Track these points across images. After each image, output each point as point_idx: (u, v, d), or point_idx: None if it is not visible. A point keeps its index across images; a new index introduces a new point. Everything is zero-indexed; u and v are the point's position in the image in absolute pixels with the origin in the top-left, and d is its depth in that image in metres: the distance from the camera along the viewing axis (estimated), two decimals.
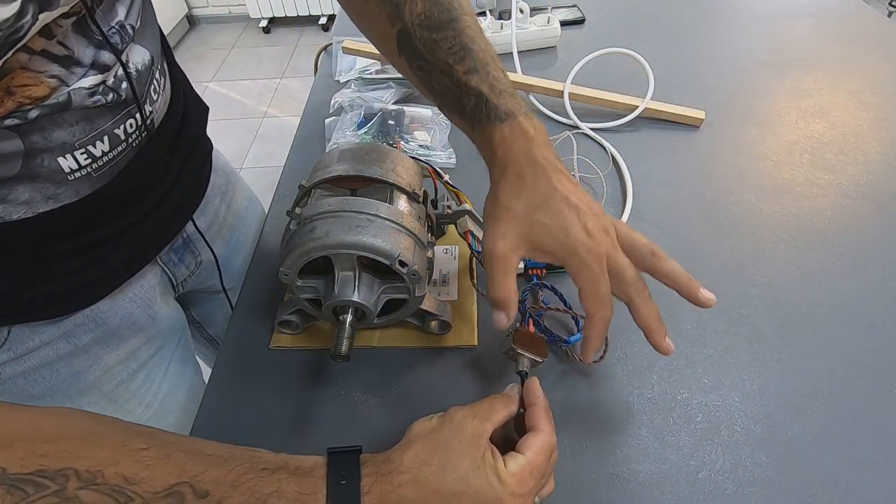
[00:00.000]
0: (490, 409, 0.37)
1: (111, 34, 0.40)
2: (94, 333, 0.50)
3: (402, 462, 0.33)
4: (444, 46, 0.43)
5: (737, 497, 0.39)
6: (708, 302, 0.39)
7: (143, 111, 0.45)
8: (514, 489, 0.33)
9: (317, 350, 0.50)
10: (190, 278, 0.61)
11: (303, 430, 0.45)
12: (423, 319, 0.49)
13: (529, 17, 0.86)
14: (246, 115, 2.55)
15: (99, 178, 0.43)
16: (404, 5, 0.44)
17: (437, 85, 0.44)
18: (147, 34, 0.46)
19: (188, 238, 0.58)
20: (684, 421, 0.44)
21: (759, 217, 0.59)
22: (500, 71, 0.44)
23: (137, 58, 0.44)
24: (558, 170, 0.40)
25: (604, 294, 0.37)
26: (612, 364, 0.47)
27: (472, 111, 0.42)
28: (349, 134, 0.72)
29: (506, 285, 0.39)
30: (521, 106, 0.43)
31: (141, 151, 0.46)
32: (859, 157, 0.65)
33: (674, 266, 0.39)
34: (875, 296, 0.51)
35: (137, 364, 0.55)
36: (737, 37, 0.89)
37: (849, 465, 0.41)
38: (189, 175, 0.55)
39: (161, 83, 0.49)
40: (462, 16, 0.44)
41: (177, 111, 0.52)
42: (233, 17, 3.24)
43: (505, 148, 0.41)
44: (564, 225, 0.37)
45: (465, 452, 0.33)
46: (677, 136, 0.71)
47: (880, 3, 2.65)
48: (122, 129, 0.43)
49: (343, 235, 0.40)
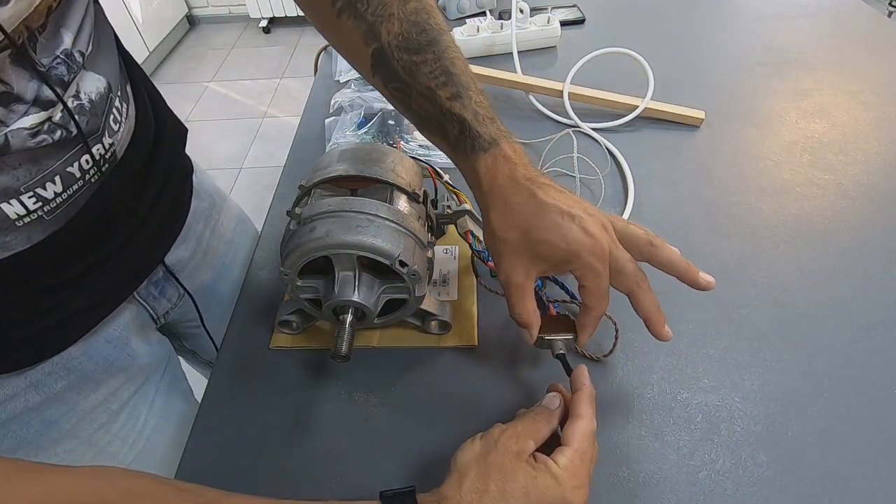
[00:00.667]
0: (532, 427, 0.37)
1: (56, 65, 0.36)
2: (66, 381, 0.47)
3: (462, 497, 0.33)
4: (424, 70, 0.42)
5: (737, 497, 0.39)
6: (708, 285, 0.39)
7: (103, 143, 0.41)
8: (572, 483, 0.34)
9: (317, 350, 0.50)
10: (172, 310, 0.58)
11: (303, 430, 0.45)
12: (423, 319, 0.49)
13: (529, 17, 0.86)
14: (246, 115, 2.55)
15: (53, 221, 0.39)
16: (381, 25, 0.42)
17: (416, 108, 0.43)
18: (102, 59, 0.42)
19: (169, 269, 0.54)
20: (684, 421, 0.44)
21: (759, 217, 0.59)
22: (480, 93, 0.43)
23: (90, 87, 0.40)
24: (543, 184, 0.39)
25: (604, 290, 0.39)
26: (612, 364, 0.47)
27: (457, 139, 0.42)
28: (349, 134, 0.72)
29: (525, 308, 0.40)
30: (503, 129, 0.42)
31: (102, 187, 0.42)
32: (859, 157, 0.65)
33: (671, 254, 0.39)
34: (875, 296, 0.51)
35: (118, 404, 0.52)
36: (737, 37, 0.89)
37: (849, 465, 0.41)
38: (165, 204, 0.51)
39: (123, 110, 0.45)
40: (441, 36, 0.43)
41: (144, 138, 0.48)
42: (233, 17, 3.24)
43: (490, 178, 0.40)
44: (562, 234, 0.38)
45: (517, 469, 0.34)
46: (677, 136, 0.71)
47: (880, 3, 2.65)
48: (77, 165, 0.40)
49: (343, 235, 0.40)
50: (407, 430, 0.44)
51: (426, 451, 0.43)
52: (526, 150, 0.68)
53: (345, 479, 0.42)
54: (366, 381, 0.48)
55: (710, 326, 0.50)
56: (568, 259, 0.38)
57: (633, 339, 0.48)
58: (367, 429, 0.45)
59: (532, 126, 0.73)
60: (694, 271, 0.39)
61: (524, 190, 0.39)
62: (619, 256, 0.38)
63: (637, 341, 0.48)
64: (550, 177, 0.41)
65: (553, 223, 0.38)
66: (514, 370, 0.48)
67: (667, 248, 0.39)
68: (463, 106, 0.41)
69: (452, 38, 0.44)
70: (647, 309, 0.39)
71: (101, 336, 0.49)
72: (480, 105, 0.42)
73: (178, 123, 0.57)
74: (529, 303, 0.40)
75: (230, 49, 3.06)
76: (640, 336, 0.48)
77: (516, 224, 0.39)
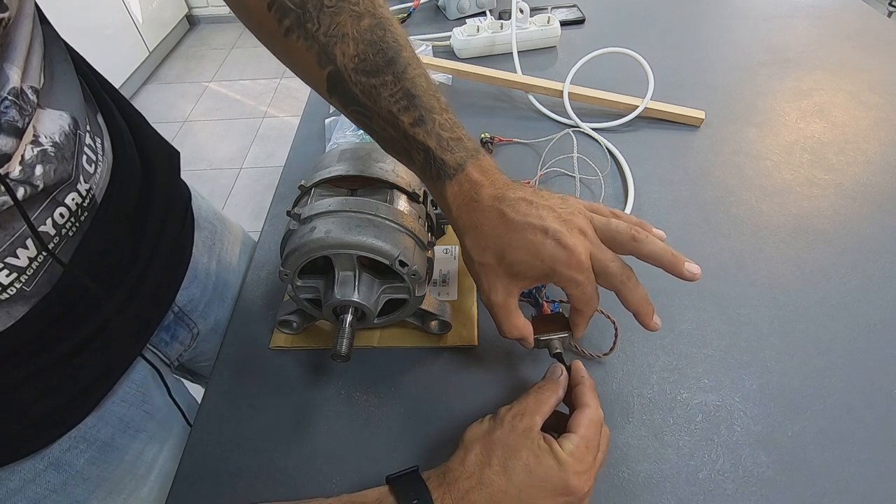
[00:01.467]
0: (537, 402, 0.38)
1: (4, 109, 0.31)
2: (87, 454, 0.44)
3: (465, 469, 0.34)
4: (384, 94, 0.39)
5: (737, 497, 0.39)
6: (692, 277, 0.38)
7: (78, 191, 0.37)
8: (576, 468, 0.34)
9: (317, 350, 0.50)
10: (186, 352, 0.55)
11: (303, 429, 0.45)
12: (424, 319, 0.49)
13: (529, 17, 0.86)
14: (246, 115, 2.55)
15: (35, 291, 0.35)
16: (334, 47, 0.38)
17: (379, 131, 0.41)
18: (60, 90, 0.37)
19: (180, 311, 0.51)
20: (684, 421, 0.44)
21: (759, 217, 0.59)
22: (445, 111, 0.40)
23: (51, 126, 0.34)
24: (513, 200, 0.38)
25: (590, 295, 0.38)
26: (612, 364, 0.47)
27: (422, 167, 0.40)
28: (349, 134, 0.72)
29: (513, 325, 0.40)
30: (469, 147, 0.40)
31: (86, 239, 0.38)
32: (859, 157, 0.65)
33: (655, 247, 0.38)
34: (875, 296, 0.51)
35: (144, 468, 0.50)
36: (737, 37, 0.89)
37: (849, 465, 0.41)
38: (167, 243, 0.47)
39: (97, 147, 0.40)
40: (399, 54, 0.39)
41: (128, 174, 0.43)
42: (233, 17, 3.19)
43: (458, 204, 0.39)
44: (536, 251, 0.37)
45: (521, 446, 0.34)
46: (677, 136, 0.71)
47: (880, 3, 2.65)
48: (50, 222, 0.35)
49: (343, 235, 0.40)
50: (407, 430, 0.44)
51: (426, 451, 0.43)
52: (526, 150, 0.69)
53: (345, 478, 0.42)
54: (366, 381, 0.48)
55: (710, 326, 0.50)
56: (546, 274, 0.38)
57: (633, 339, 0.48)
58: (367, 428, 0.45)
59: (532, 126, 0.73)
60: (679, 263, 0.38)
61: (493, 212, 0.38)
62: (601, 258, 0.37)
63: (637, 341, 0.49)
64: (521, 184, 0.40)
65: (525, 242, 0.37)
66: (513, 370, 0.48)
67: (649, 242, 0.38)
68: (426, 132, 0.39)
69: (413, 54, 0.41)
70: (635, 304, 0.39)
71: (116, 397, 0.46)
72: (444, 127, 0.39)
73: (167, 149, 0.52)
74: (515, 319, 0.40)
75: (230, 49, 3.06)
76: (640, 336, 0.48)
77: (490, 246, 0.38)
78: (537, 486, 0.34)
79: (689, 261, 0.38)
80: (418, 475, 0.35)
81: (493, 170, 0.40)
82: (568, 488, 0.34)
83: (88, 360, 0.41)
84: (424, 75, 0.40)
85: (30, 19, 0.34)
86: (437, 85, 0.41)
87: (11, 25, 0.32)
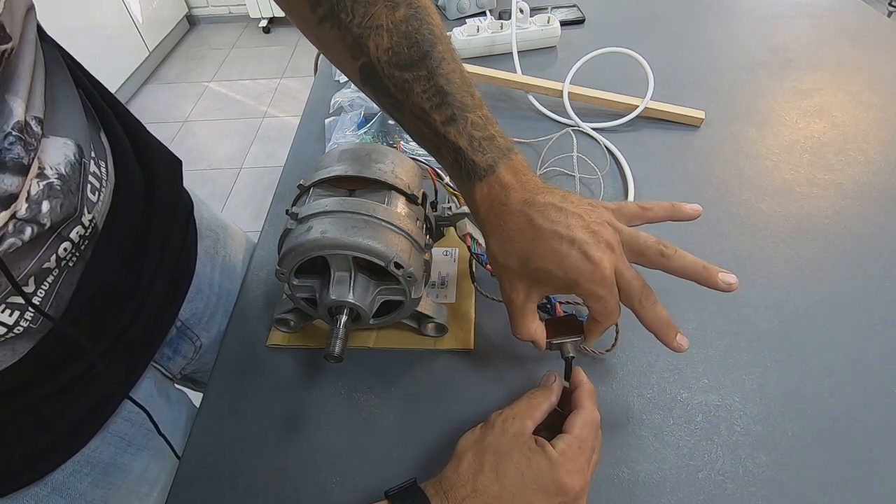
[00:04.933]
0: (529, 407, 0.38)
1: (9, 146, 0.29)
2: (90, 477, 0.43)
3: (459, 477, 0.34)
4: (417, 89, 0.38)
5: (737, 497, 0.39)
6: (729, 287, 0.36)
7: (82, 223, 0.35)
8: (567, 467, 0.34)
9: (315, 349, 0.50)
10: (189, 365, 0.54)
11: (303, 429, 0.45)
12: (420, 322, 0.49)
13: (529, 17, 0.86)
14: (246, 115, 2.55)
15: (40, 328, 0.35)
16: (368, 38, 0.38)
17: (410, 125, 0.41)
18: (64, 115, 0.35)
19: (183, 325, 0.50)
20: (684, 421, 0.43)
21: (759, 217, 0.59)
22: (478, 108, 0.39)
23: (56, 157, 0.33)
24: (542, 206, 0.37)
25: (611, 309, 0.38)
26: (612, 364, 0.47)
27: (452, 165, 0.40)
28: (349, 134, 0.72)
29: (526, 329, 0.40)
30: (502, 146, 0.39)
31: (89, 269, 0.37)
32: (859, 157, 0.65)
33: (685, 261, 0.37)
34: (875, 296, 0.51)
35: (147, 487, 0.49)
36: (737, 37, 0.89)
37: (849, 465, 0.41)
38: (170, 258, 0.45)
39: (102, 173, 0.38)
40: (434, 48, 0.38)
41: (130, 195, 0.41)
42: (233, 17, 3.24)
43: (486, 207, 0.39)
44: (560, 262, 0.36)
45: (512, 450, 0.35)
46: (677, 136, 0.70)
47: (880, 3, 2.65)
48: (54, 259, 0.34)
49: (339, 236, 0.40)
50: (407, 431, 0.44)
51: (426, 451, 0.43)
52: (526, 150, 0.69)
53: (344, 478, 0.42)
54: (366, 381, 0.48)
55: (710, 326, 0.50)
56: (568, 286, 0.37)
57: (633, 339, 0.48)
58: (367, 429, 0.45)
59: (532, 126, 0.73)
60: (712, 275, 0.36)
61: (520, 217, 0.37)
62: (625, 274, 0.37)
63: (637, 341, 0.48)
64: (553, 187, 0.39)
65: (551, 251, 0.36)
66: (512, 374, 0.48)
67: (678, 256, 0.37)
68: (458, 132, 0.38)
69: (449, 47, 0.40)
70: (652, 324, 0.38)
71: (118, 416, 0.45)
72: (476, 126, 0.39)
73: (169, 157, 0.50)
74: (530, 323, 0.40)
75: (230, 49, 3.06)
76: (640, 336, 0.48)
77: (514, 251, 0.38)
78: (530, 489, 0.33)
79: (723, 271, 0.36)
80: (417, 487, 0.35)
81: (525, 170, 0.39)
82: (560, 487, 0.34)
83: (91, 387, 0.41)
84: (459, 70, 0.40)
85: (32, 45, 0.32)
86: (471, 79, 0.40)
87: (14, 55, 0.30)
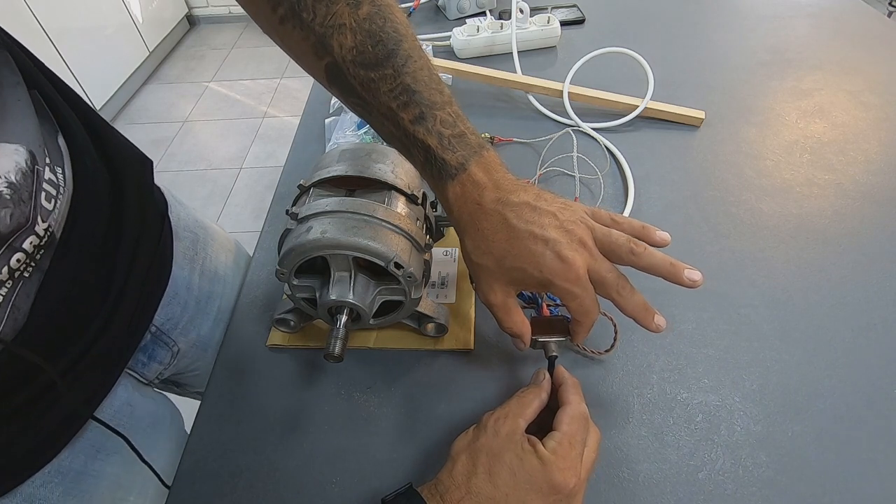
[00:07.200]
0: (519, 405, 0.38)
1: None
2: (62, 486, 0.42)
3: (453, 479, 0.34)
4: (384, 88, 0.37)
5: (737, 497, 0.39)
6: (693, 284, 0.37)
7: (36, 233, 0.33)
8: (559, 464, 0.34)
9: (315, 349, 0.50)
10: (166, 370, 0.52)
11: (302, 429, 0.45)
12: (420, 322, 0.49)
13: (529, 17, 0.86)
14: (246, 115, 2.55)
15: None
16: (331, 38, 0.37)
17: (379, 125, 0.40)
18: (14, 120, 0.33)
19: (158, 330, 0.48)
20: (684, 421, 0.43)
21: (759, 217, 0.59)
22: (447, 104, 0.38)
23: (6, 164, 0.31)
24: (515, 205, 0.37)
25: (588, 307, 0.38)
26: (612, 364, 0.47)
27: (423, 165, 0.39)
28: (349, 134, 0.72)
29: (512, 321, 0.41)
30: (473, 144, 0.38)
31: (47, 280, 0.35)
32: (859, 157, 0.65)
33: (653, 259, 0.37)
34: (875, 296, 0.51)
35: (123, 491, 0.47)
36: (737, 37, 0.89)
37: (849, 465, 0.41)
38: (143, 262, 0.43)
39: (58, 179, 0.36)
40: (400, 45, 0.37)
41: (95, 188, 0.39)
42: (233, 17, 3.24)
43: (459, 206, 0.39)
44: (535, 262, 0.37)
45: (504, 450, 0.35)
46: (677, 136, 0.70)
47: (880, 3, 2.65)
48: (6, 270, 0.32)
49: (339, 236, 0.40)
50: (407, 430, 0.44)
51: (426, 451, 0.43)
52: (526, 150, 0.69)
53: (344, 479, 0.42)
54: (366, 381, 0.48)
55: (710, 326, 0.50)
56: (543, 284, 0.38)
57: (633, 339, 0.48)
58: (367, 429, 0.45)
59: (532, 126, 0.73)
60: (678, 271, 0.37)
61: (495, 216, 0.37)
62: (598, 269, 0.37)
63: (637, 341, 0.48)
64: (526, 184, 0.39)
65: (525, 251, 0.37)
66: (510, 375, 0.48)
67: (647, 255, 0.37)
68: (427, 130, 0.37)
69: (415, 44, 0.39)
70: (631, 311, 0.38)
71: (87, 424, 0.43)
72: (446, 123, 0.38)
73: (138, 156, 0.48)
74: (515, 315, 0.40)
75: (230, 49, 3.06)
76: (640, 336, 0.48)
77: (490, 251, 0.38)
78: (524, 489, 0.34)
79: (689, 267, 0.37)
80: (413, 491, 0.35)
81: (497, 167, 0.39)
82: (553, 486, 0.34)
83: (52, 408, 0.39)
84: (426, 67, 0.39)
85: None
86: (439, 77, 0.40)
87: None
